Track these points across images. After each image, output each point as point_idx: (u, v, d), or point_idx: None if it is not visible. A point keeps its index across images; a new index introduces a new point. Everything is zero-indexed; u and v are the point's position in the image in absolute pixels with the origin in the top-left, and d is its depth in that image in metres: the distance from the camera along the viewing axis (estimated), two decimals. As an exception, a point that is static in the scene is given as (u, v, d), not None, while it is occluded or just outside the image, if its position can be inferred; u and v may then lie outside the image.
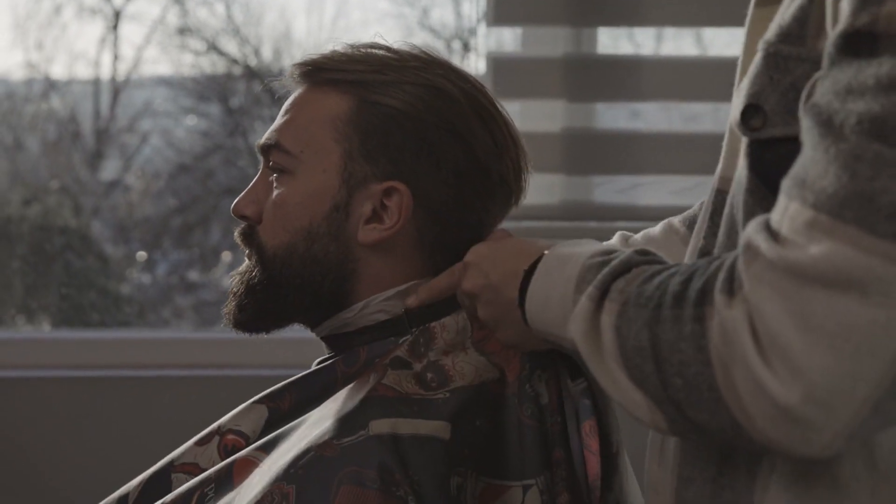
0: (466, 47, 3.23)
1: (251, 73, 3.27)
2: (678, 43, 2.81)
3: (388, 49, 1.30)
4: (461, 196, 1.28)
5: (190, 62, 3.26)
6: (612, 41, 2.59)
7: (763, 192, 0.96)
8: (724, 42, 2.51)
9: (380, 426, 1.19)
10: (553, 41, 2.32)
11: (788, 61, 0.94)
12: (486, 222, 1.31)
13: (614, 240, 1.45)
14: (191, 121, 3.33)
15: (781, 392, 0.85)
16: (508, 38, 2.44)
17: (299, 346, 2.39)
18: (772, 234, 0.87)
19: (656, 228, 1.44)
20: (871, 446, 0.97)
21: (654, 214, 2.26)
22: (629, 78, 2.29)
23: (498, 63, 2.31)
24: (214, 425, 1.35)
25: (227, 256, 3.42)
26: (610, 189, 2.32)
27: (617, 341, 0.96)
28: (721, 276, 0.90)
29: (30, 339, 2.60)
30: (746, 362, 0.86)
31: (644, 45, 2.72)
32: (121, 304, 3.24)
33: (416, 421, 1.20)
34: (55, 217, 3.13)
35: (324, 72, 1.29)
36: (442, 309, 1.28)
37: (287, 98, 1.33)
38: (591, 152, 2.28)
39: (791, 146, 0.91)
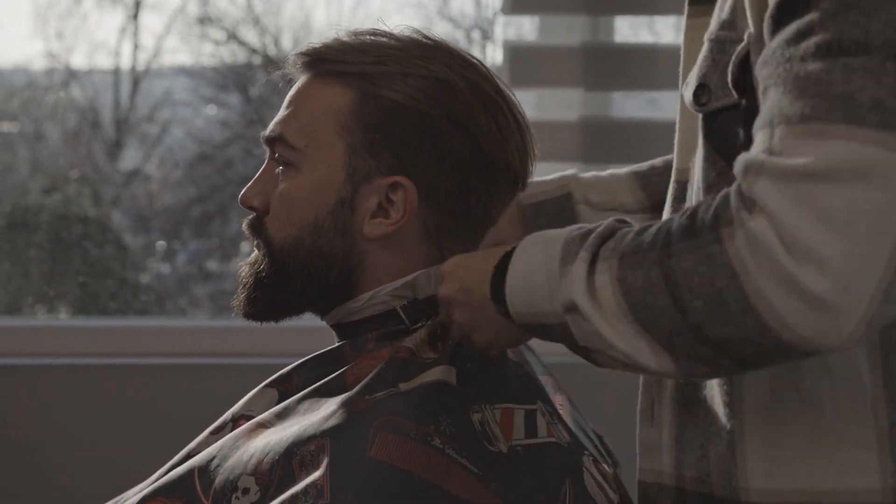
0: (486, 36, 3.22)
1: (271, 63, 3.27)
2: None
3: (390, 36, 1.30)
4: (466, 186, 1.29)
5: (210, 52, 3.27)
6: (630, 30, 2.59)
7: (715, 157, 1.12)
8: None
9: (408, 385, 1.21)
10: (570, 30, 2.31)
11: (725, 44, 1.10)
12: (492, 208, 1.32)
13: (567, 172, 1.54)
14: (211, 110, 3.33)
15: (812, 283, 0.93)
16: (526, 27, 2.44)
17: (314, 335, 2.39)
18: (768, 152, 0.97)
19: (603, 172, 1.55)
20: (824, 357, 1.08)
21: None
22: (646, 67, 2.28)
23: (515, 52, 2.30)
24: (227, 413, 1.35)
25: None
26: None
27: (620, 290, 1.03)
28: (732, 201, 0.98)
29: (48, 327, 2.60)
30: (777, 263, 0.94)
31: (661, 33, 2.71)
32: (139, 293, 3.25)
33: (428, 372, 1.23)
34: (75, 206, 3.14)
35: (326, 63, 1.29)
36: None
37: (290, 87, 1.33)
38: (607, 141, 2.27)
39: (730, 113, 1.09)
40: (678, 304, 1.00)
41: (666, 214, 1.23)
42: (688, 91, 1.15)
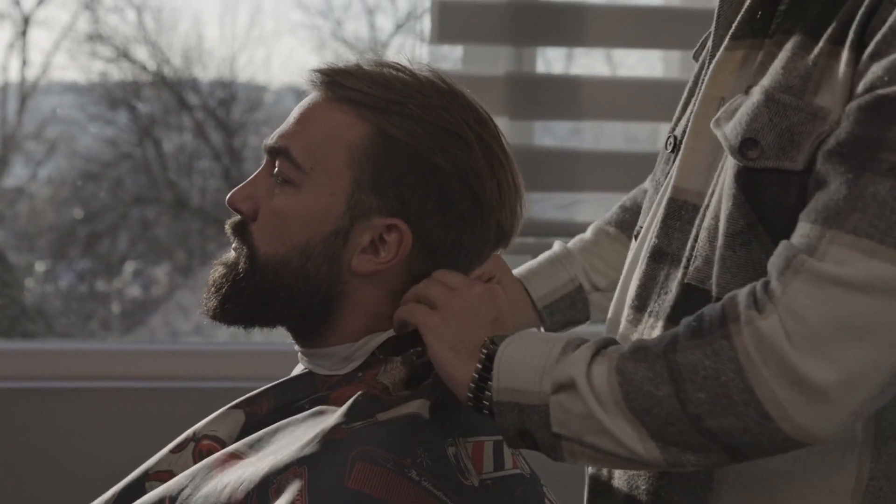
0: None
1: (162, 81, 3.24)
2: (617, 63, 2.88)
3: (411, 74, 1.29)
4: (460, 240, 1.30)
5: (99, 69, 3.21)
6: (553, 61, 2.64)
7: (747, 208, 1.17)
8: (666, 64, 2.58)
9: (385, 416, 1.22)
10: (494, 60, 2.35)
11: (788, 109, 1.15)
12: (476, 263, 1.33)
13: (554, 247, 1.61)
14: (98, 128, 3.28)
15: (818, 376, 1.04)
16: (447, 56, 2.47)
17: (257, 358, 2.39)
18: (812, 252, 1.06)
19: (587, 233, 1.63)
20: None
21: (590, 230, 2.33)
22: (569, 97, 2.33)
23: (438, 80, 2.33)
24: (189, 431, 1.34)
25: (130, 266, 3.38)
26: (549, 205, 2.36)
27: (617, 379, 1.10)
28: (742, 300, 1.08)
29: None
30: (783, 358, 1.05)
31: (585, 65, 2.78)
32: (24, 313, 3.18)
33: (404, 405, 1.24)
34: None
35: (346, 89, 1.28)
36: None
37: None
38: (531, 169, 2.31)
39: (776, 176, 1.15)
40: (680, 394, 1.08)
41: (646, 223, 1.31)
42: (731, 137, 1.19)
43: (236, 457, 1.27)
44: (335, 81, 1.29)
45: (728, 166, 1.19)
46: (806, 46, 1.17)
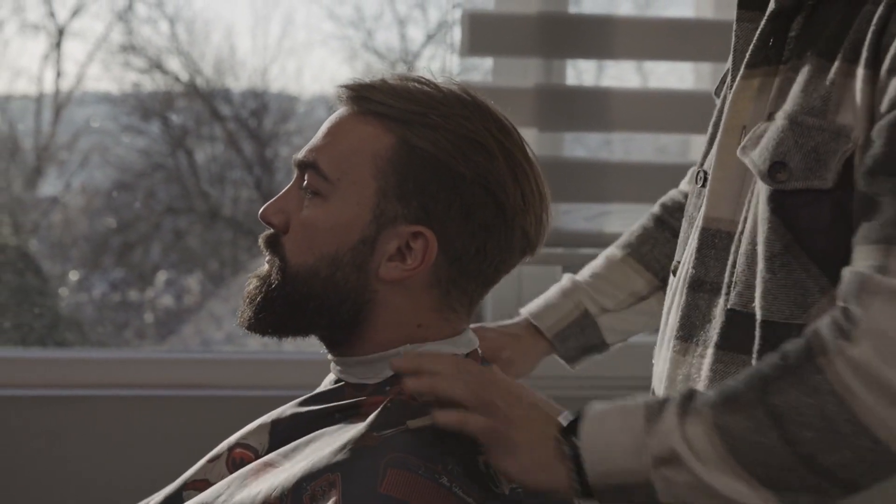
0: (410, 70, 3.26)
1: (194, 92, 3.26)
2: (647, 75, 2.88)
3: (434, 87, 1.32)
4: (484, 248, 1.32)
5: (133, 80, 3.24)
6: (582, 73, 2.65)
7: (783, 230, 1.20)
8: (695, 76, 2.58)
9: (416, 423, 1.23)
10: (524, 72, 2.36)
11: (812, 130, 1.19)
12: (502, 271, 1.36)
13: (562, 279, 1.64)
14: (132, 139, 3.30)
15: None
16: (478, 67, 2.48)
17: (272, 367, 2.40)
18: (883, 272, 1.08)
19: (597, 260, 1.67)
20: None
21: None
22: (598, 108, 2.34)
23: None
24: (224, 443, 1.38)
25: (163, 275, 3.41)
26: (578, 216, 2.36)
27: (719, 436, 1.09)
28: (826, 332, 1.09)
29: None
30: (881, 379, 1.05)
31: (614, 76, 2.79)
32: (59, 323, 3.20)
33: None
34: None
35: (370, 102, 1.32)
36: None
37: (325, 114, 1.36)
38: (560, 180, 2.32)
39: (807, 196, 1.19)
40: (787, 436, 1.08)
41: (683, 257, 1.33)
42: (759, 162, 1.22)
43: (271, 465, 1.30)
44: (361, 96, 1.32)
45: (760, 191, 1.23)
46: (822, 68, 1.21)
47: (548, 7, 2.34)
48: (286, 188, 1.36)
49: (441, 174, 1.29)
